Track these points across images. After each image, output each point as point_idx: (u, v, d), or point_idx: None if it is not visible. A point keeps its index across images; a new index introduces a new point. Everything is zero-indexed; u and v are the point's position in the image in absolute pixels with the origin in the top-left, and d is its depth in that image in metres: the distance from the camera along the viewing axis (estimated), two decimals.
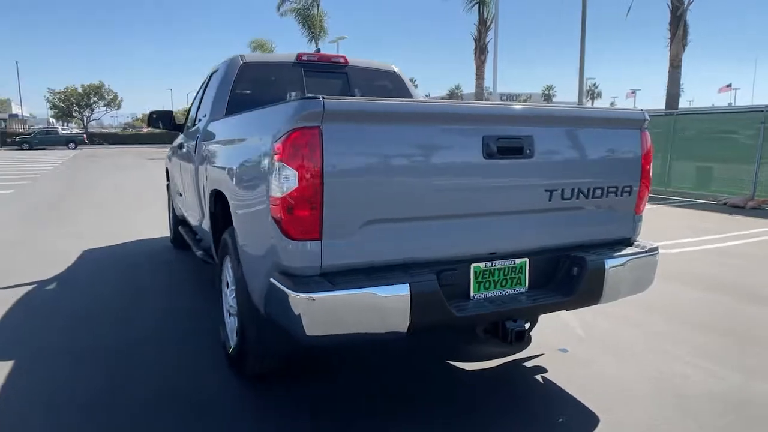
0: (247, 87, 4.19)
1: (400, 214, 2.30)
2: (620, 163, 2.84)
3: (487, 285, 2.55)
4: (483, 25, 22.11)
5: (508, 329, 2.50)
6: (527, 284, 2.65)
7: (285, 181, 2.10)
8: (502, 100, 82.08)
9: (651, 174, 2.95)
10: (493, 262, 2.56)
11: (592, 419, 2.68)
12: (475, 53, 22.45)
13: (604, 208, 2.81)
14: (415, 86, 5.18)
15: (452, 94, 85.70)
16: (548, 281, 2.70)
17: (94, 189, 13.47)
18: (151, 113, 5.19)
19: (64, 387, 2.99)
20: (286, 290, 2.12)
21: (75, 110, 53.94)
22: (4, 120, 69.45)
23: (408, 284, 2.21)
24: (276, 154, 2.14)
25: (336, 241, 2.20)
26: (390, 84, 4.76)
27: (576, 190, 2.68)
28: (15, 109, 72.83)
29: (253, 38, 43.23)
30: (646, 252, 2.85)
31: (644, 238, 3.03)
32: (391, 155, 2.25)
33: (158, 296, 4.69)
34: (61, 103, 53.34)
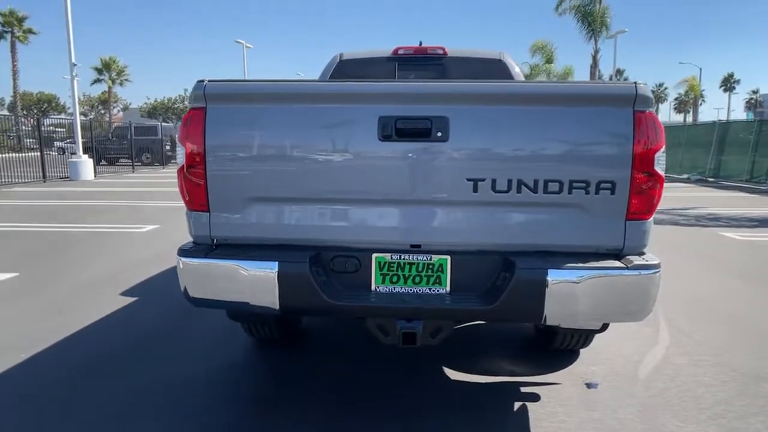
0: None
1: (287, 194, 2.33)
2: (592, 152, 2.22)
3: (395, 279, 2.34)
4: None
5: (397, 328, 2.27)
6: (449, 285, 2.33)
7: (180, 158, 2.38)
8: None
9: (659, 168, 2.22)
10: (402, 256, 2.34)
11: None
12: None
13: (570, 207, 2.24)
14: (735, 83, 4.43)
15: None
16: (481, 286, 2.31)
17: None
18: None
19: None
20: (176, 255, 2.40)
21: None
22: None
23: (277, 263, 2.25)
24: None
25: (223, 214, 2.37)
26: (495, 72, 4.45)
27: (515, 182, 2.22)
28: None
29: (534, 40, 43.15)
30: (626, 269, 2.16)
31: None
32: (276, 135, 2.29)
33: None
34: None
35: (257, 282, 2.26)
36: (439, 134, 2.19)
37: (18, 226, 8.02)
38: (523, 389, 2.86)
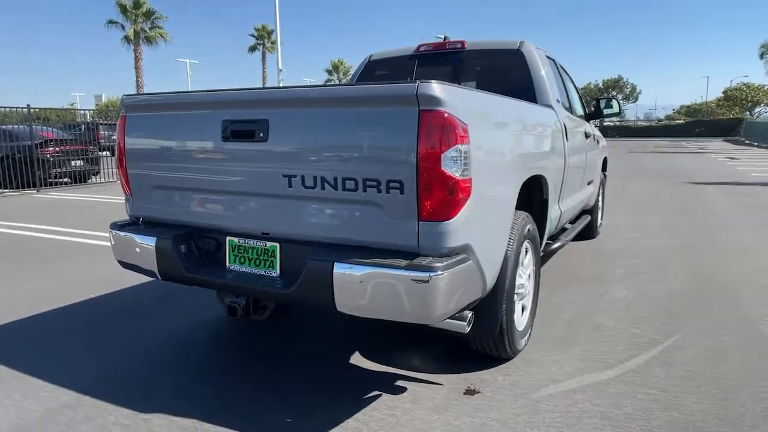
0: (368, 82, 4.80)
1: (168, 183, 2.85)
2: (382, 151, 2.24)
3: (242, 260, 2.70)
4: None
5: (226, 301, 2.62)
6: (279, 269, 2.59)
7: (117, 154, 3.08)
8: None
9: (452, 170, 2.14)
10: (247, 240, 2.67)
11: None
12: None
13: (367, 204, 2.30)
14: None
15: None
16: (296, 272, 2.51)
17: None
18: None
19: None
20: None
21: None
22: None
23: (155, 238, 2.80)
24: None
25: (138, 198, 3.01)
26: (510, 63, 4.27)
27: (319, 179, 2.37)
28: None
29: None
30: (400, 268, 2.16)
31: None
32: (160, 136, 2.83)
33: None
34: None
35: (144, 252, 2.86)
36: (261, 135, 2.47)
37: None
38: (400, 383, 2.90)
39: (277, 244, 2.59)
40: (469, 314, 2.60)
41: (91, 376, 2.99)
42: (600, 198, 6.81)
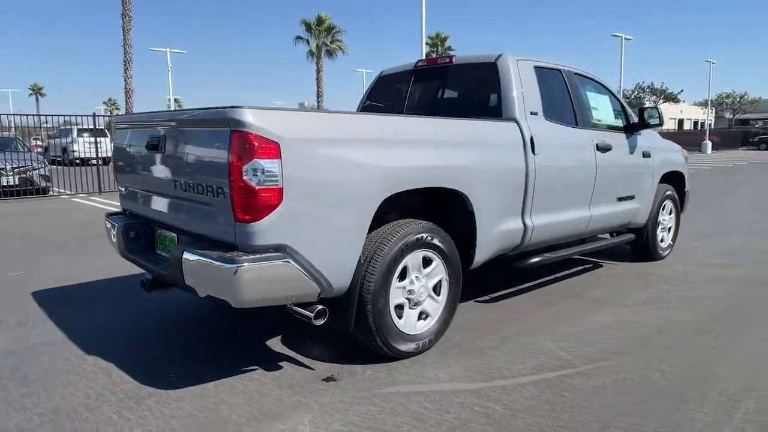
0: (376, 97, 5.21)
1: (128, 183, 3.70)
2: (211, 163, 2.76)
3: (163, 247, 3.41)
4: None
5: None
6: None
7: None
8: None
9: (253, 180, 2.56)
10: (163, 231, 3.37)
11: None
12: None
13: (209, 205, 2.82)
14: None
15: None
16: None
17: None
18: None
19: None
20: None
21: None
22: None
23: (116, 224, 3.67)
24: None
25: (123, 193, 3.92)
26: (484, 76, 4.32)
27: (187, 184, 2.96)
28: None
29: None
30: (212, 258, 2.67)
31: None
32: (126, 146, 3.68)
33: None
34: None
35: (113, 234, 3.75)
36: (161, 148, 3.17)
37: None
38: (283, 363, 3.31)
39: (175, 235, 3.24)
40: (318, 307, 2.94)
41: (94, 326, 3.98)
42: (670, 216, 6.16)
